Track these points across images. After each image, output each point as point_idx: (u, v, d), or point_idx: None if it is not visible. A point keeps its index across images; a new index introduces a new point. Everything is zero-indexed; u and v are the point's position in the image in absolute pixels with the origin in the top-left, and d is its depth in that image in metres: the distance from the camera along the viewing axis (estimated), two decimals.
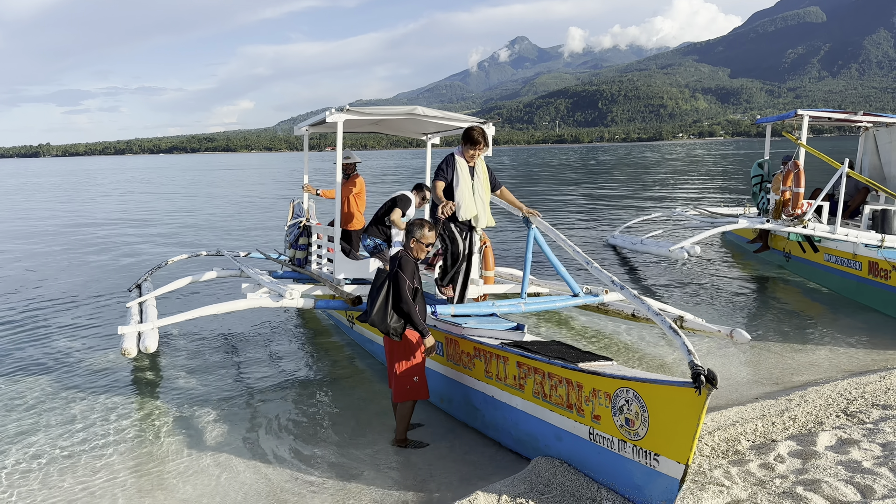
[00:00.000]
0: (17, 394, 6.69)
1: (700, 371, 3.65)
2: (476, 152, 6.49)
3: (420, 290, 5.26)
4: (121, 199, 36.53)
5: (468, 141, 6.47)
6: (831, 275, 10.54)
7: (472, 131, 6.46)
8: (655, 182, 38.42)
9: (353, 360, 7.65)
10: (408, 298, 5.08)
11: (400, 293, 5.09)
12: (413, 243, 5.31)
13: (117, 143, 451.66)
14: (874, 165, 11.96)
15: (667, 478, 3.85)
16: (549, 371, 4.67)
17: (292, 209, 8.76)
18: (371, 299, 5.21)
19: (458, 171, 6.45)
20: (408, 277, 5.12)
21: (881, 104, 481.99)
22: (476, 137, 6.45)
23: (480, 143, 6.46)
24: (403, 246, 5.40)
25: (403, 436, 5.35)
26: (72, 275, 13.34)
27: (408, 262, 5.20)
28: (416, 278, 5.21)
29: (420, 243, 5.30)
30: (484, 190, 6.59)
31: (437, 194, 6.36)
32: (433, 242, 5.39)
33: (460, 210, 6.40)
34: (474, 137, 6.47)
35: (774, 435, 5.16)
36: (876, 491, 4.05)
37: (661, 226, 16.65)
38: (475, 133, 6.46)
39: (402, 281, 5.10)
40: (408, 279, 5.12)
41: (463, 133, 6.54)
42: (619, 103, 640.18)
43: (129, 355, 6.04)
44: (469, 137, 6.48)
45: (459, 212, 6.41)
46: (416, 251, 5.32)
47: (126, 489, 4.80)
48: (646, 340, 8.02)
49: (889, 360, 7.20)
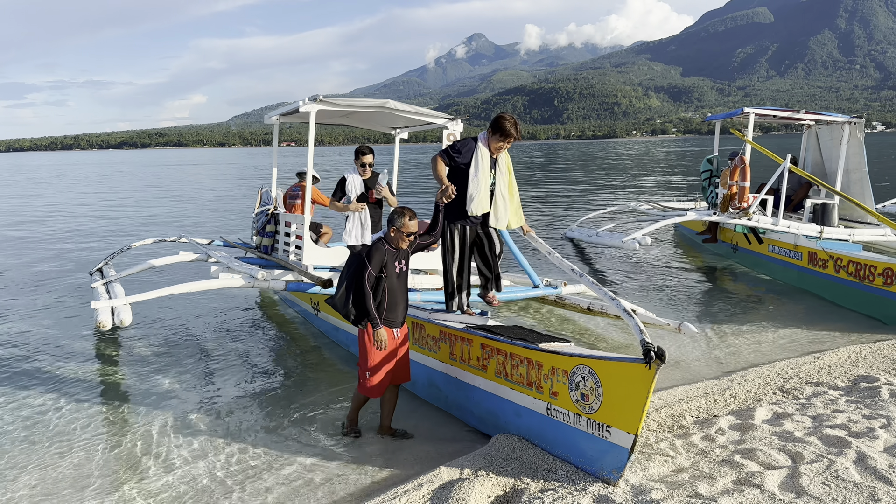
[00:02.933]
0: None
1: (650, 348, 3.97)
2: (503, 145, 5.73)
3: (389, 279, 5.08)
4: (81, 193, 35.77)
5: (498, 131, 5.66)
6: (774, 264, 11.11)
7: (504, 121, 5.66)
8: (612, 178, 39.20)
9: (318, 349, 7.83)
10: (363, 286, 4.98)
11: (359, 281, 5.01)
12: (393, 232, 5.12)
13: (64, 139, 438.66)
14: (816, 161, 12.58)
15: (618, 448, 4.17)
16: (512, 352, 4.96)
17: (260, 196, 8.89)
18: (339, 282, 5.23)
19: (479, 159, 5.68)
20: (371, 265, 5.00)
21: (826, 103, 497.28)
22: (509, 129, 5.64)
23: (512, 137, 5.68)
24: (384, 234, 5.22)
25: (351, 419, 5.38)
26: (26, 265, 13.18)
27: (378, 249, 5.06)
28: (385, 267, 5.07)
29: (400, 232, 5.09)
30: (507, 186, 5.87)
31: (436, 173, 5.68)
32: (415, 231, 5.15)
33: (471, 203, 5.70)
34: (506, 128, 5.64)
35: (716, 411, 5.54)
36: (805, 457, 4.44)
37: (616, 219, 17.15)
38: (508, 123, 5.65)
39: (363, 268, 5.01)
40: (370, 267, 4.99)
41: (493, 121, 5.74)
42: (575, 101, 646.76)
43: (104, 328, 6.11)
44: (500, 127, 5.66)
45: (470, 205, 5.70)
46: (396, 240, 5.13)
47: (92, 478, 4.91)
48: (599, 328, 8.39)
49: (824, 342, 7.71)
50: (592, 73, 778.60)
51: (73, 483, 4.77)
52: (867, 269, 8.86)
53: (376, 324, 5.03)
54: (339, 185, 7.36)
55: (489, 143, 5.72)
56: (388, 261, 5.08)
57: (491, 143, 5.71)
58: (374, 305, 5.04)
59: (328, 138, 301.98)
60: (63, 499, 4.56)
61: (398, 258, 5.16)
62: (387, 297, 5.10)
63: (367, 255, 5.05)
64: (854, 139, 11.28)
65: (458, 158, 5.70)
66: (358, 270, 5.06)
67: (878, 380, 6.05)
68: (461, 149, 5.72)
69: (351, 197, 7.27)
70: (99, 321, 6.21)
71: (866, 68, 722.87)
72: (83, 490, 4.67)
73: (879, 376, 6.16)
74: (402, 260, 5.20)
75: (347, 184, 7.33)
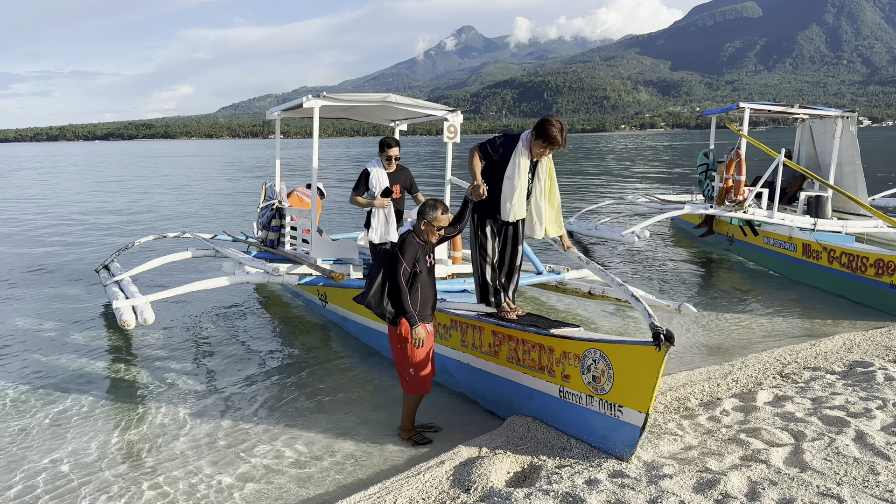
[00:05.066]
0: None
1: (660, 331, 4.16)
2: (546, 151, 5.36)
3: (421, 274, 4.93)
4: (79, 187, 35.65)
5: (542, 136, 5.26)
6: (770, 256, 11.37)
7: (551, 127, 5.23)
8: (606, 171, 39.46)
9: (327, 340, 7.98)
10: (400, 282, 4.80)
11: (394, 276, 4.83)
12: (424, 225, 4.95)
13: (49, 130, 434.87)
14: (810, 155, 12.82)
15: (630, 426, 4.37)
16: (523, 338, 5.15)
17: (264, 191, 9.01)
18: (369, 281, 5.00)
19: (517, 162, 5.35)
20: (405, 261, 4.83)
21: (814, 97, 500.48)
22: (554, 136, 5.23)
23: (557, 145, 5.28)
24: (413, 226, 5.06)
25: (407, 426, 5.17)
26: (29, 259, 13.25)
27: (410, 244, 4.89)
28: (418, 262, 4.90)
29: (431, 226, 4.93)
30: (546, 195, 5.58)
31: (471, 167, 5.39)
32: (445, 226, 5.02)
33: (506, 209, 5.43)
34: (552, 135, 5.23)
35: (720, 394, 5.76)
36: (807, 435, 4.66)
37: (614, 212, 17.39)
38: (554, 130, 5.23)
39: (398, 264, 4.83)
40: (405, 262, 4.83)
41: (538, 124, 5.31)
42: (564, 94, 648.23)
43: (128, 327, 6.21)
44: (545, 133, 5.24)
45: (505, 211, 5.45)
46: (426, 234, 4.97)
47: (111, 469, 5.07)
48: (600, 315, 8.61)
49: (820, 330, 7.96)
50: (582, 67, 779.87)
51: (87, 476, 4.91)
52: (859, 259, 9.12)
53: (415, 322, 4.85)
54: (362, 179, 7.01)
55: (531, 146, 5.35)
56: (419, 255, 4.93)
57: (533, 146, 5.34)
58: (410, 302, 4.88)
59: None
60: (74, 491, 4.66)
61: (427, 252, 5.03)
62: (420, 292, 4.96)
63: (401, 250, 4.87)
64: (847, 133, 11.52)
65: (495, 157, 5.43)
66: (391, 267, 4.88)
67: (872, 365, 6.29)
68: (500, 146, 5.42)
69: (375, 192, 6.94)
70: (123, 321, 6.26)
71: (853, 63, 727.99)
72: (90, 482, 4.80)
73: (874, 361, 6.39)
74: (430, 253, 5.08)
75: (371, 178, 6.97)
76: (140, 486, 4.59)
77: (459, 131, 7.84)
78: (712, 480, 3.98)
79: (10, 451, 5.12)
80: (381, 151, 7.04)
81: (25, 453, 5.08)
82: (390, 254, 4.96)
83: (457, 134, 7.80)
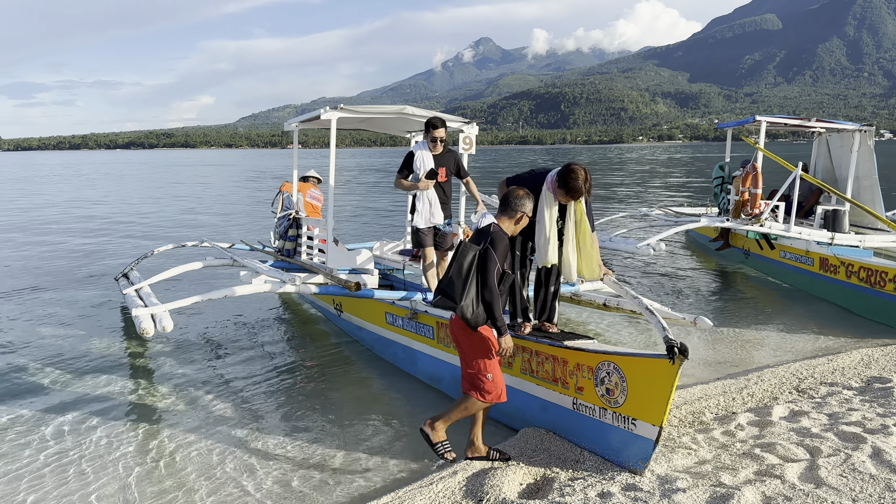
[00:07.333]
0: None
1: (674, 344, 4.17)
2: (570, 200, 5.17)
3: (509, 275, 4.52)
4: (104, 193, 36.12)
5: (566, 188, 5.06)
6: (786, 270, 11.28)
7: (574, 180, 4.99)
8: (621, 183, 39.35)
9: (341, 350, 8.01)
10: (493, 285, 4.29)
11: (486, 277, 4.29)
12: (517, 219, 4.58)
13: (72, 138, 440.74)
14: (826, 168, 12.73)
15: (643, 439, 4.37)
16: (537, 349, 5.16)
17: (282, 201, 9.11)
18: (451, 282, 4.35)
19: (543, 206, 5.19)
20: (499, 259, 4.32)
21: (834, 110, 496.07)
22: (578, 187, 5.01)
23: (581, 194, 5.09)
24: (496, 218, 4.60)
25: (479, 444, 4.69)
26: (49, 265, 13.44)
27: (501, 239, 4.38)
28: (507, 261, 4.42)
29: (526, 217, 4.58)
30: (580, 236, 5.31)
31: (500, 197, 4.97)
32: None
33: (539, 254, 5.33)
34: (575, 188, 5.02)
35: (735, 408, 5.73)
36: (822, 451, 4.63)
37: (628, 224, 17.33)
38: (578, 182, 5.00)
39: (491, 263, 4.30)
40: (498, 261, 4.32)
41: (561, 171, 5.09)
42: (581, 106, 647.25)
43: (147, 335, 6.30)
44: (568, 186, 5.03)
45: (536, 254, 5.38)
46: (514, 227, 4.61)
47: (126, 471, 5.15)
48: (614, 328, 8.60)
49: (836, 346, 7.89)
50: (599, 79, 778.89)
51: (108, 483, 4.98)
52: (878, 275, 9.03)
53: (504, 331, 4.39)
54: (406, 162, 6.74)
55: (555, 190, 5.18)
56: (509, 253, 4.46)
57: (557, 193, 5.17)
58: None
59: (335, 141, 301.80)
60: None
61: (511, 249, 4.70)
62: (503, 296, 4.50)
63: (493, 245, 4.33)
64: (864, 146, 11.44)
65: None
66: (483, 265, 4.33)
67: (890, 381, 6.23)
68: (527, 183, 5.21)
69: (419, 175, 6.67)
70: (143, 328, 6.33)
71: (874, 76, 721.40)
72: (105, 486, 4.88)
73: (892, 378, 6.33)
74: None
75: (416, 160, 6.71)
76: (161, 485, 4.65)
77: (475, 142, 7.88)
78: (726, 495, 3.97)
79: (26, 455, 5.21)
80: (426, 133, 6.74)
81: (42, 458, 5.17)
82: (479, 250, 4.35)
83: (472, 145, 7.85)
